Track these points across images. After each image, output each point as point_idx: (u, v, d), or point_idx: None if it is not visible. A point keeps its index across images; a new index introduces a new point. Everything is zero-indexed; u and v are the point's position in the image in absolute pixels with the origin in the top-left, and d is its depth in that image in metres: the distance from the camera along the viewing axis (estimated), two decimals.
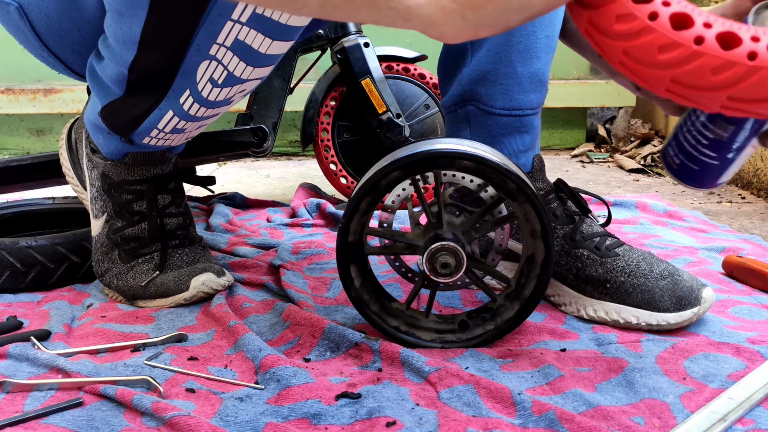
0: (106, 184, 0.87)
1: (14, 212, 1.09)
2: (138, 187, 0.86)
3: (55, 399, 0.62)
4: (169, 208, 0.88)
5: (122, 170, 0.86)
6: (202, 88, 0.74)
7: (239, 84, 0.74)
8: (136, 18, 0.68)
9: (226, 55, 0.70)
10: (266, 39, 0.68)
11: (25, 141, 2.30)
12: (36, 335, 0.74)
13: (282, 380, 0.63)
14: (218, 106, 0.77)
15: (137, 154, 0.85)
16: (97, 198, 0.89)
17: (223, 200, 1.43)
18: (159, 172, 0.87)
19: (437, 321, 0.74)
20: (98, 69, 0.79)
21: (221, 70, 0.71)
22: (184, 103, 0.75)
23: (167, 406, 0.57)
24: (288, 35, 0.69)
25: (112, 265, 0.87)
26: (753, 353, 0.69)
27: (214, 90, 0.74)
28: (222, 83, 0.73)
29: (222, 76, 0.72)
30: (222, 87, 0.74)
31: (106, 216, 0.88)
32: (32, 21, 0.81)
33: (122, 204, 0.87)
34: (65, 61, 0.87)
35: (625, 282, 0.77)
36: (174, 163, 0.90)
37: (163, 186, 0.88)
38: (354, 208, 0.70)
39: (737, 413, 0.57)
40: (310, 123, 1.46)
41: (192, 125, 0.80)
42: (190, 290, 0.84)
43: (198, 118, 0.78)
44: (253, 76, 0.73)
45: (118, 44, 0.73)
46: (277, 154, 2.31)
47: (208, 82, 0.73)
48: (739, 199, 1.54)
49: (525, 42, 0.81)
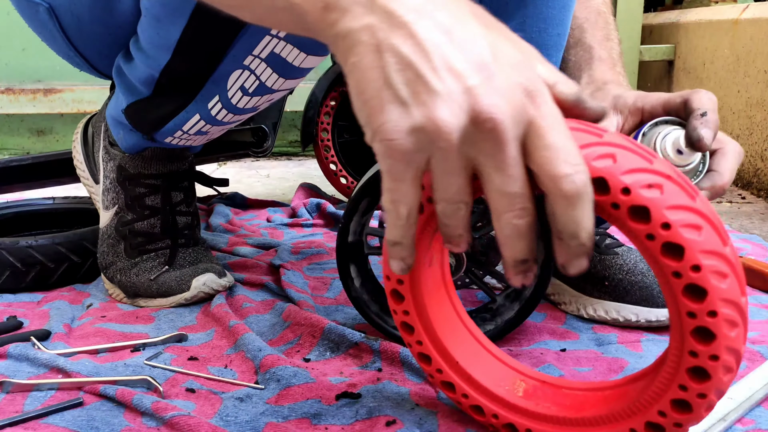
0: (121, 176, 0.87)
1: (14, 212, 1.09)
2: (153, 182, 0.87)
3: (55, 399, 0.62)
4: (180, 206, 0.89)
5: (139, 163, 0.86)
6: (232, 95, 0.74)
7: (269, 94, 0.75)
8: (175, 25, 0.68)
9: (260, 66, 0.70)
10: (301, 53, 0.69)
11: (25, 141, 2.30)
12: (36, 335, 0.74)
13: (282, 380, 0.63)
14: (245, 113, 0.78)
15: (157, 149, 0.86)
16: (110, 189, 0.89)
17: (223, 200, 1.43)
18: (175, 169, 0.88)
19: None
20: (126, 69, 0.79)
21: (253, 80, 0.72)
22: (212, 108, 0.76)
23: (167, 406, 0.57)
24: (323, 51, 0.69)
25: (116, 258, 0.88)
26: (753, 353, 0.69)
27: (243, 98, 0.75)
28: (252, 92, 0.74)
29: (253, 86, 0.73)
30: (252, 96, 0.74)
31: (117, 208, 0.88)
32: (62, 22, 0.81)
33: (135, 197, 0.87)
34: (90, 60, 0.87)
35: (623, 279, 0.77)
36: (190, 162, 0.90)
37: (177, 183, 0.88)
38: (354, 208, 0.70)
39: (737, 413, 0.57)
40: (310, 123, 1.46)
41: (216, 129, 0.81)
42: (191, 290, 0.84)
43: (223, 123, 0.79)
44: (284, 87, 0.74)
45: (153, 48, 0.73)
46: (277, 154, 2.31)
47: (239, 90, 0.73)
48: (739, 199, 1.54)
49: (537, 39, 0.81)
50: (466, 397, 0.55)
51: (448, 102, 0.35)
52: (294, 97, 1.51)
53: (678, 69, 1.98)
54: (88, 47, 0.84)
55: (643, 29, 2.05)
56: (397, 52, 0.36)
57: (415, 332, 0.56)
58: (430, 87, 0.36)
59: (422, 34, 0.36)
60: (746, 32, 1.62)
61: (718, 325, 0.39)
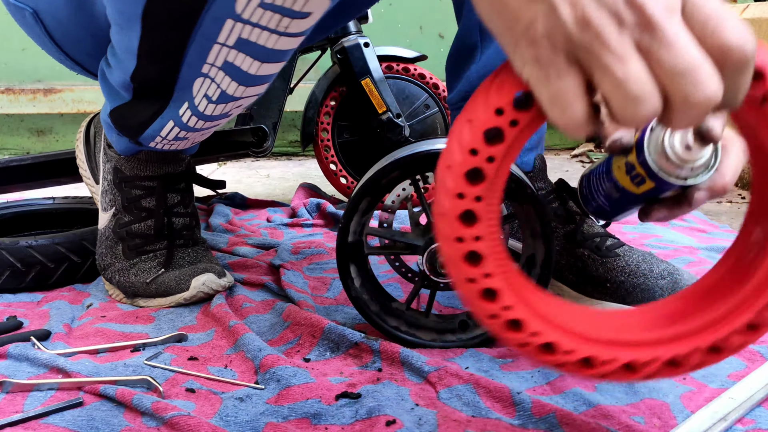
0: (117, 178, 0.88)
1: (14, 212, 1.09)
2: (148, 184, 0.87)
3: (55, 399, 0.62)
4: (177, 208, 0.89)
5: (135, 165, 0.87)
6: (198, 103, 0.73)
7: (233, 101, 0.73)
8: (133, 32, 0.68)
9: (218, 75, 0.69)
10: (255, 62, 0.67)
11: (25, 141, 2.30)
12: (36, 335, 0.74)
13: (282, 380, 0.63)
14: (216, 119, 0.77)
15: (151, 152, 0.86)
16: (108, 191, 0.89)
17: (223, 200, 1.43)
18: (171, 171, 0.88)
19: (437, 321, 0.74)
20: (107, 74, 0.80)
21: (215, 88, 0.71)
22: (183, 115, 0.76)
23: (167, 406, 0.57)
24: (276, 58, 0.68)
25: (115, 259, 0.88)
26: (753, 353, 0.69)
27: (209, 105, 0.74)
28: (216, 100, 0.73)
29: (216, 94, 0.72)
30: (217, 103, 0.74)
31: (114, 210, 0.88)
32: (47, 26, 0.81)
33: (131, 199, 0.87)
34: (82, 63, 0.87)
35: (625, 281, 0.77)
36: (187, 164, 0.90)
37: (173, 185, 0.88)
38: (354, 208, 0.70)
39: (738, 413, 0.57)
40: (310, 123, 1.46)
41: (193, 134, 0.81)
42: (190, 290, 0.84)
43: (198, 129, 0.79)
44: (247, 94, 0.73)
45: (122, 53, 0.73)
46: (277, 154, 2.31)
47: (204, 97, 0.73)
48: (739, 199, 1.54)
49: None
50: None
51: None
52: (294, 97, 1.51)
53: None
54: (76, 49, 0.84)
55: None
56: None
57: (500, 297, 0.43)
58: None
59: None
60: None
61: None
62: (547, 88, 0.37)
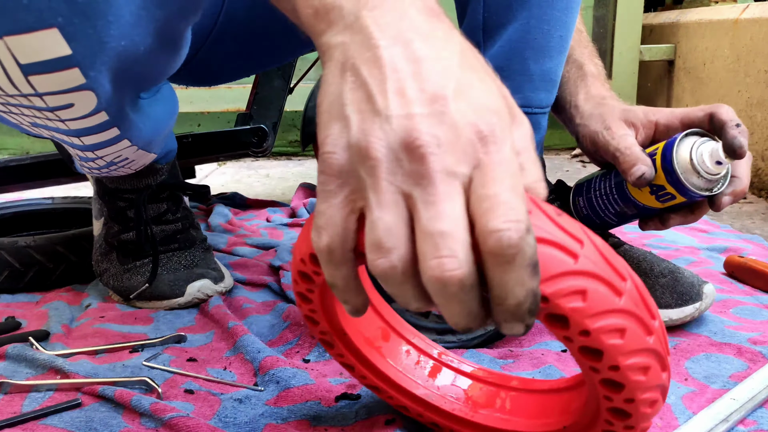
0: (101, 190, 0.87)
1: (13, 212, 1.09)
2: (130, 196, 0.86)
3: (53, 400, 0.62)
4: (165, 216, 0.88)
5: (115, 178, 0.86)
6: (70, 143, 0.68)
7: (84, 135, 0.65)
8: None
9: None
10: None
11: (25, 141, 2.30)
12: (34, 336, 0.73)
13: (281, 381, 0.63)
14: (97, 148, 0.68)
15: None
16: (96, 201, 0.89)
17: (223, 200, 1.43)
18: (150, 183, 0.87)
19: (437, 321, 0.74)
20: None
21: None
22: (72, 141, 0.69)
23: (166, 408, 0.57)
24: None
25: (110, 265, 0.87)
26: (755, 354, 0.68)
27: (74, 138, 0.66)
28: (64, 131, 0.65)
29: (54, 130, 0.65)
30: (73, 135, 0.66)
31: (104, 219, 0.88)
32: None
33: (117, 210, 0.87)
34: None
35: None
36: (168, 171, 0.89)
37: (156, 195, 0.87)
38: None
39: (740, 414, 0.57)
40: (310, 123, 1.45)
41: (108, 167, 0.75)
42: (185, 296, 0.84)
43: (97, 158, 0.72)
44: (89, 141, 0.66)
45: None
46: (277, 154, 2.31)
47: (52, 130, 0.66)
48: (740, 199, 1.54)
49: (540, 40, 0.80)
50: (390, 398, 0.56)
51: (385, 123, 0.34)
52: (294, 97, 1.51)
53: (678, 69, 1.98)
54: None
55: (643, 29, 2.05)
56: (357, 72, 0.36)
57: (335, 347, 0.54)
58: (374, 107, 0.35)
59: (387, 59, 0.35)
60: (746, 32, 1.62)
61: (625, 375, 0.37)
62: (319, 214, 0.36)
